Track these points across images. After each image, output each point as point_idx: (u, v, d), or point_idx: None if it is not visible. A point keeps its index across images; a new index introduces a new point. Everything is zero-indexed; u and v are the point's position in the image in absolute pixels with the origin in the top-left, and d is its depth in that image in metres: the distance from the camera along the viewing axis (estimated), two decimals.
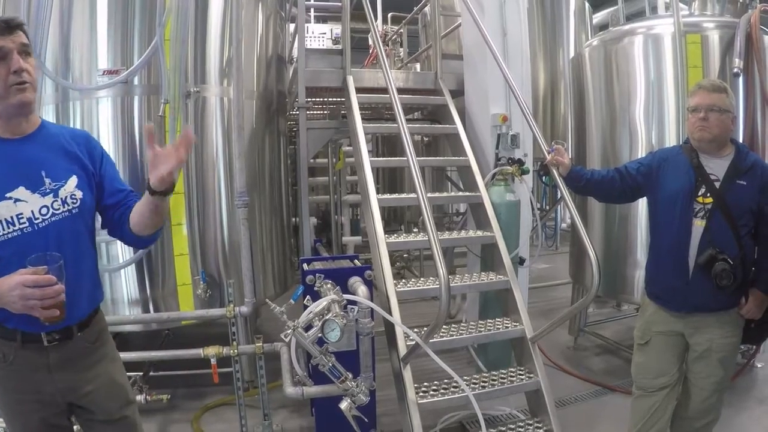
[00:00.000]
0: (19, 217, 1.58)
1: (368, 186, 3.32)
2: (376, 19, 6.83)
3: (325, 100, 5.00)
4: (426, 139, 6.97)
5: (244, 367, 3.52)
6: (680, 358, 2.47)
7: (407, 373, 2.67)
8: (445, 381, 2.78)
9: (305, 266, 3.02)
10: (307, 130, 4.15)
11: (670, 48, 3.69)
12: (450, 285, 2.35)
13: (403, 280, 3.18)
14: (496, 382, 2.85)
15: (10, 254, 1.55)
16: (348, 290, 2.63)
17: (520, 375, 2.93)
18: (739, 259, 2.27)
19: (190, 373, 3.47)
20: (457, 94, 4.24)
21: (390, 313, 2.72)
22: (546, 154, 2.77)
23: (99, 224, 1.84)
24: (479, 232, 3.46)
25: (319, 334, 2.14)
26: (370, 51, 6.99)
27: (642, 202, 3.53)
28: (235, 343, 3.14)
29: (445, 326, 2.94)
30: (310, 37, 6.20)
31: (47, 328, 1.60)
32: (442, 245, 2.47)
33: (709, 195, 2.32)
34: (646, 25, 3.99)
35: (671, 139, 3.72)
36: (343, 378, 2.24)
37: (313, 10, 7.16)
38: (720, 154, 2.37)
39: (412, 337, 2.54)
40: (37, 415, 1.70)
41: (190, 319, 3.54)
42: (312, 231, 4.92)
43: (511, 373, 2.94)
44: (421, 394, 2.68)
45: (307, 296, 2.36)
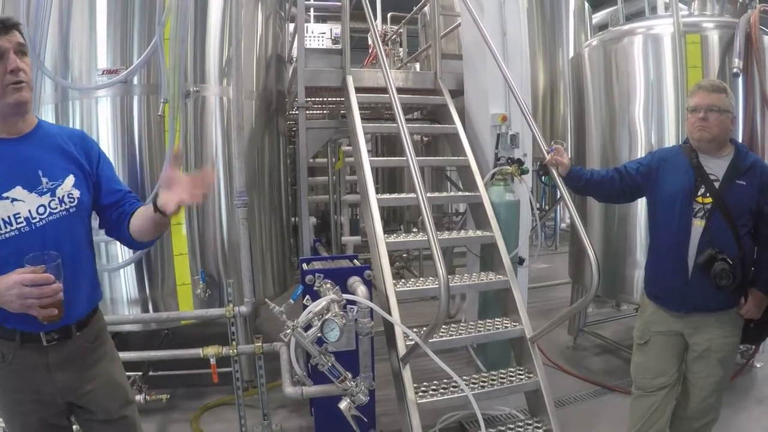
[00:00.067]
0: (17, 216, 1.58)
1: (368, 186, 3.32)
2: (376, 19, 6.84)
3: (325, 99, 4.99)
4: (425, 139, 6.96)
5: (244, 367, 3.52)
6: (679, 358, 2.47)
7: (406, 373, 2.67)
8: (445, 381, 2.78)
9: (304, 266, 3.02)
10: (307, 129, 4.14)
11: (670, 48, 3.69)
12: (449, 285, 2.35)
13: (403, 280, 3.17)
14: (496, 382, 2.85)
15: (8, 254, 1.55)
16: (347, 290, 2.63)
17: (520, 375, 2.92)
18: (738, 259, 2.27)
19: (190, 373, 3.47)
20: (457, 93, 4.23)
21: (389, 313, 2.72)
22: (545, 154, 2.77)
23: (96, 224, 1.84)
24: (479, 232, 3.46)
25: (319, 334, 2.14)
26: (370, 51, 6.99)
27: (641, 202, 3.53)
28: (235, 343, 3.14)
29: (444, 326, 2.93)
30: (310, 36, 6.19)
31: (46, 327, 1.60)
32: (441, 245, 2.47)
33: (708, 195, 2.32)
34: (645, 25, 3.99)
35: (671, 139, 3.72)
36: (343, 378, 2.24)
37: (312, 10, 7.16)
38: (719, 154, 2.37)
39: (411, 337, 2.54)
40: (36, 415, 1.69)
41: (189, 319, 3.53)
42: (311, 231, 4.93)
43: (511, 373, 2.94)
44: (421, 394, 2.68)
45: (307, 296, 2.37)
